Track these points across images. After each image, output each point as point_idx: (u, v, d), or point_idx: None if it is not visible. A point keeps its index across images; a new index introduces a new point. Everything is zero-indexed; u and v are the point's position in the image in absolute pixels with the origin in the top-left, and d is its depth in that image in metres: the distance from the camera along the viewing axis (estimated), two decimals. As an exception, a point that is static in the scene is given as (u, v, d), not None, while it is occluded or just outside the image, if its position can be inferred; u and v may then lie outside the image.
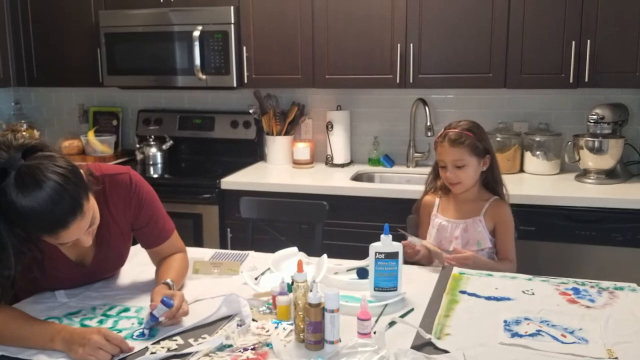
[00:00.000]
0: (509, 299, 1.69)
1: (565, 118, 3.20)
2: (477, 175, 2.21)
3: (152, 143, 3.62)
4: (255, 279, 1.84)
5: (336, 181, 3.12)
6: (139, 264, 1.94)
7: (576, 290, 1.74)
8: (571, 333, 1.47)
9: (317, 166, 3.48)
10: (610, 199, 2.66)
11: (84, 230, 1.50)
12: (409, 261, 2.09)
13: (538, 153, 3.12)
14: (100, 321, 1.59)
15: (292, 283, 1.49)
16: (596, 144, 2.90)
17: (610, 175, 2.94)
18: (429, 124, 3.23)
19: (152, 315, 1.49)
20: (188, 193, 3.16)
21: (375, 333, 1.40)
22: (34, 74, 3.64)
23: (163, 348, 1.43)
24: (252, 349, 1.41)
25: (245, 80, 3.30)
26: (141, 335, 1.48)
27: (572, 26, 2.81)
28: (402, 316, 1.58)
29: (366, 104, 3.49)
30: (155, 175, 3.44)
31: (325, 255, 1.84)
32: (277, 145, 3.50)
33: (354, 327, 1.43)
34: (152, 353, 1.40)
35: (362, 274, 1.84)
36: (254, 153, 3.64)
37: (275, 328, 1.51)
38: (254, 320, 1.55)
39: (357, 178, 3.27)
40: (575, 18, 2.80)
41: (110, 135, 3.73)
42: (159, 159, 3.63)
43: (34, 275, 1.66)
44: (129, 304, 1.69)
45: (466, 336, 1.46)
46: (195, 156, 3.76)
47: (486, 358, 1.36)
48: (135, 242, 1.88)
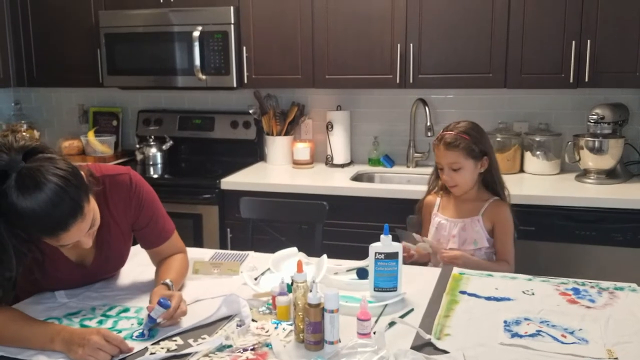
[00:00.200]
0: (509, 299, 1.69)
1: (565, 118, 3.20)
2: (474, 178, 2.22)
3: (152, 143, 3.63)
4: (255, 279, 1.84)
5: (336, 181, 3.12)
6: (139, 264, 1.94)
7: (576, 291, 1.74)
8: (571, 333, 1.46)
9: (317, 166, 3.48)
10: (610, 199, 2.66)
11: (85, 232, 1.50)
12: (407, 261, 2.10)
13: (538, 153, 3.12)
14: (100, 321, 1.59)
15: (292, 283, 1.49)
16: (596, 144, 2.90)
17: (611, 175, 2.94)
18: (429, 124, 3.23)
19: (150, 317, 1.49)
20: (188, 193, 3.16)
21: (375, 333, 1.40)
22: (34, 74, 3.64)
23: (163, 348, 1.42)
24: (252, 350, 1.41)
25: (245, 81, 3.30)
26: (141, 336, 1.48)
27: (572, 26, 2.81)
28: (402, 316, 1.58)
29: (366, 104, 3.49)
30: (155, 176, 3.44)
31: (325, 256, 1.84)
32: (277, 146, 3.50)
33: (353, 328, 1.43)
34: (152, 353, 1.40)
35: (362, 274, 1.84)
36: (254, 153, 3.64)
37: (275, 328, 1.51)
38: (253, 320, 1.55)
39: (357, 178, 3.27)
40: (576, 18, 2.80)
41: (110, 136, 3.73)
42: (159, 159, 3.63)
43: (35, 276, 1.66)
44: (129, 305, 1.69)
45: (466, 336, 1.46)
46: (195, 156, 3.76)
47: (486, 358, 1.36)
48: (135, 243, 1.88)
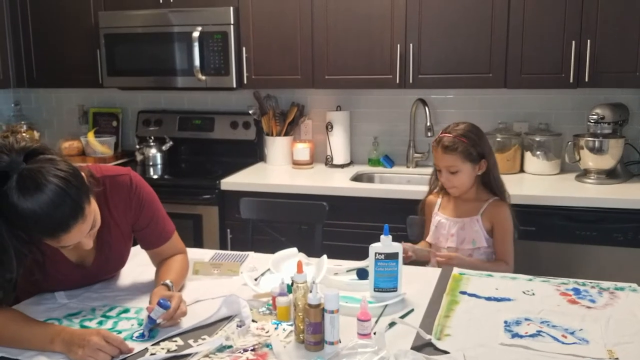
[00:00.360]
0: (509, 300, 1.68)
1: (565, 118, 3.20)
2: (472, 180, 2.23)
3: (152, 144, 3.62)
4: (255, 279, 1.83)
5: (336, 182, 3.12)
6: (139, 264, 1.94)
7: (577, 291, 1.74)
8: (572, 334, 1.46)
9: (317, 167, 3.48)
10: (610, 199, 2.66)
11: (85, 234, 1.50)
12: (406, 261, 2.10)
13: (538, 153, 3.12)
14: (100, 322, 1.58)
15: (292, 284, 1.49)
16: (596, 144, 2.90)
17: (611, 175, 2.94)
18: (428, 124, 3.23)
19: (150, 317, 1.49)
20: (188, 194, 3.16)
21: (375, 334, 1.40)
22: (33, 75, 3.64)
23: (163, 349, 1.42)
24: (252, 350, 1.40)
25: (245, 81, 3.30)
26: (141, 337, 1.48)
27: (572, 26, 2.81)
28: (402, 317, 1.58)
29: (366, 105, 3.49)
30: (155, 176, 3.43)
31: (325, 256, 1.84)
32: (277, 146, 3.49)
33: (353, 328, 1.42)
34: (152, 354, 1.40)
35: (362, 274, 1.84)
36: (253, 154, 3.64)
37: (275, 329, 1.51)
38: (253, 321, 1.55)
39: (357, 178, 3.27)
40: (576, 18, 2.79)
41: (110, 136, 3.72)
42: (159, 160, 3.63)
43: (35, 277, 1.66)
44: (129, 305, 1.69)
45: (466, 337, 1.46)
46: (195, 157, 3.76)
47: (486, 359, 1.36)
48: (135, 243, 1.88)
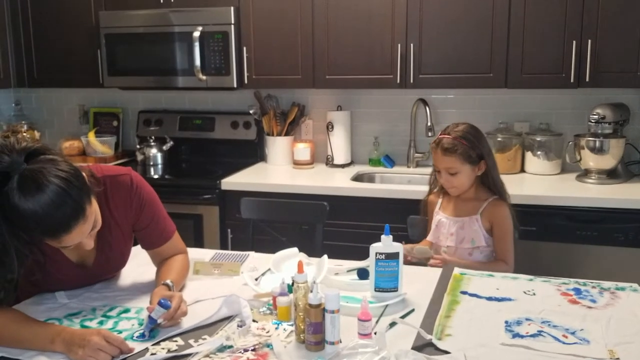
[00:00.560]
0: (510, 300, 1.68)
1: (566, 118, 3.20)
2: (472, 180, 2.25)
3: (153, 144, 3.62)
4: (256, 279, 1.83)
5: (337, 182, 3.12)
6: (140, 264, 1.94)
7: (577, 291, 1.74)
8: (572, 334, 1.46)
9: (318, 167, 3.48)
10: (611, 199, 2.66)
11: (86, 234, 1.50)
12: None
13: (539, 153, 3.12)
14: (101, 322, 1.58)
15: (293, 284, 1.49)
16: (597, 144, 2.90)
17: (612, 175, 2.94)
18: (429, 124, 3.23)
19: (151, 317, 1.48)
20: (188, 194, 3.16)
21: (375, 334, 1.40)
22: (34, 74, 3.64)
23: (163, 349, 1.42)
24: (253, 350, 1.40)
25: (246, 81, 3.30)
26: (141, 336, 1.48)
27: (573, 26, 2.80)
28: (403, 317, 1.58)
29: (366, 104, 3.49)
30: (156, 176, 3.43)
31: (325, 256, 1.84)
32: (278, 146, 3.49)
33: (354, 328, 1.42)
34: (153, 354, 1.40)
35: (363, 274, 1.84)
36: (254, 154, 3.64)
37: (276, 329, 1.51)
38: (254, 321, 1.55)
39: (358, 178, 3.27)
40: (576, 18, 2.79)
41: (111, 136, 3.72)
42: (160, 160, 3.63)
43: (36, 277, 1.66)
44: (130, 305, 1.69)
45: (467, 337, 1.45)
46: (196, 157, 3.76)
47: (487, 359, 1.35)
48: (136, 243, 1.88)
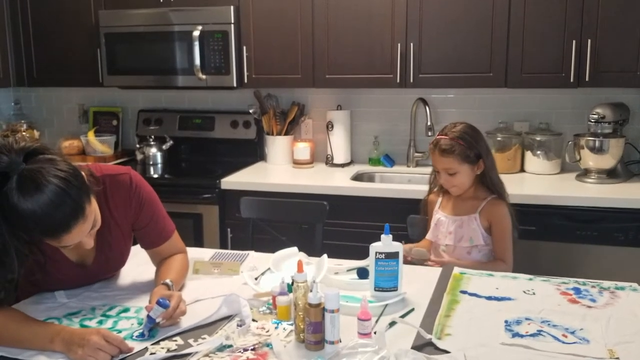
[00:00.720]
0: (509, 299, 1.68)
1: (565, 117, 3.20)
2: (471, 179, 2.25)
3: (152, 143, 3.62)
4: (256, 279, 1.83)
5: (336, 181, 3.12)
6: (139, 264, 1.94)
7: (577, 290, 1.74)
8: (572, 333, 1.46)
9: (318, 166, 3.47)
10: (611, 199, 2.66)
11: (86, 233, 1.50)
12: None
13: (539, 153, 3.12)
14: (100, 321, 1.58)
15: (292, 283, 1.49)
16: (597, 144, 2.90)
17: (611, 174, 2.94)
18: (429, 123, 3.22)
19: (149, 317, 1.48)
20: (188, 193, 3.16)
21: (375, 333, 1.40)
22: (33, 74, 3.64)
23: (163, 348, 1.42)
24: (252, 349, 1.40)
25: (245, 80, 3.29)
26: (141, 336, 1.48)
27: (573, 25, 2.80)
28: (403, 316, 1.58)
29: (366, 104, 3.49)
30: (156, 176, 3.43)
31: (325, 255, 1.84)
32: (277, 145, 3.49)
33: (354, 328, 1.42)
34: (152, 353, 1.40)
35: (363, 274, 1.84)
36: (254, 153, 3.64)
37: (276, 328, 1.51)
38: (254, 320, 1.55)
39: (358, 178, 3.27)
40: (576, 17, 2.79)
41: (111, 136, 3.72)
42: (159, 159, 3.62)
43: (35, 277, 1.66)
44: (129, 305, 1.69)
45: (467, 336, 1.45)
46: (196, 156, 3.76)
47: (487, 358, 1.35)
48: (135, 243, 1.88)
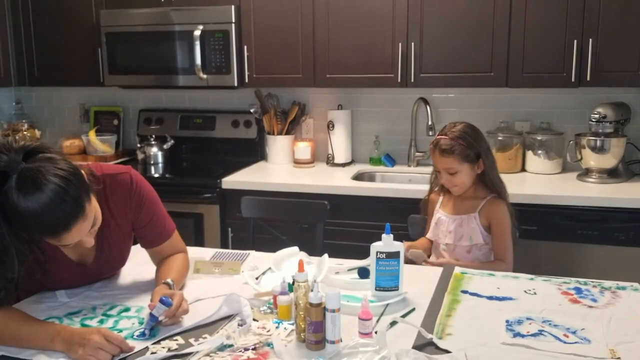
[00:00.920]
0: (510, 299, 1.68)
1: (567, 117, 3.19)
2: (472, 179, 2.25)
3: (153, 142, 3.62)
4: (256, 278, 1.83)
5: (337, 181, 3.12)
6: (140, 263, 1.93)
7: (578, 290, 1.74)
8: (573, 333, 1.46)
9: (318, 165, 3.47)
10: (612, 198, 2.65)
11: (86, 232, 1.50)
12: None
13: (540, 152, 3.11)
14: (101, 321, 1.58)
15: (293, 283, 1.49)
16: (598, 143, 2.89)
17: (612, 174, 2.93)
18: (430, 123, 3.22)
19: (152, 315, 1.48)
20: (189, 192, 3.16)
21: (376, 333, 1.40)
22: (35, 73, 3.64)
23: (164, 348, 1.42)
24: (253, 349, 1.40)
25: (246, 80, 3.29)
26: (142, 335, 1.48)
27: (574, 25, 2.80)
28: (404, 316, 1.58)
29: (367, 103, 3.48)
30: (156, 175, 3.43)
31: (326, 255, 1.84)
32: (278, 145, 3.49)
33: (355, 327, 1.42)
34: (153, 353, 1.40)
35: (363, 273, 1.84)
36: (254, 152, 3.63)
37: (276, 328, 1.51)
38: (254, 320, 1.55)
39: (358, 177, 3.26)
40: (577, 17, 2.79)
41: (111, 135, 3.72)
42: (160, 159, 3.62)
43: (36, 276, 1.66)
44: (130, 304, 1.69)
45: (468, 336, 1.45)
46: (196, 156, 3.76)
47: (488, 358, 1.35)
48: (135, 242, 1.88)
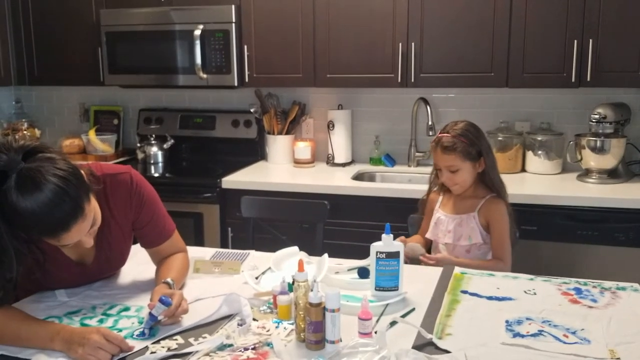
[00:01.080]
0: (510, 299, 1.68)
1: (567, 117, 3.19)
2: (473, 177, 2.25)
3: (153, 142, 3.62)
4: (256, 278, 1.83)
5: (337, 180, 3.12)
6: (139, 263, 1.93)
7: (578, 290, 1.74)
8: (573, 333, 1.46)
9: (318, 165, 3.47)
10: (612, 199, 2.65)
11: (86, 232, 1.50)
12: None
13: (540, 152, 3.11)
14: (101, 320, 1.58)
15: (293, 282, 1.49)
16: (598, 144, 2.89)
17: (612, 174, 2.93)
18: (430, 123, 3.22)
19: (151, 314, 1.48)
20: (189, 192, 3.16)
21: (376, 333, 1.40)
22: (34, 72, 3.64)
23: (163, 347, 1.42)
24: (253, 349, 1.40)
25: (246, 79, 3.29)
26: (141, 335, 1.48)
27: (574, 25, 2.80)
28: (403, 316, 1.58)
29: (367, 103, 3.48)
30: (156, 175, 3.43)
31: (326, 255, 1.84)
32: (278, 145, 3.49)
33: (354, 327, 1.42)
34: (152, 352, 1.40)
35: (363, 273, 1.84)
36: (255, 152, 3.63)
37: (276, 327, 1.51)
38: (254, 319, 1.55)
39: (359, 177, 3.26)
40: (578, 17, 2.79)
41: (111, 134, 3.72)
42: (160, 158, 3.62)
43: (35, 275, 1.66)
44: (129, 303, 1.69)
45: (468, 336, 1.45)
46: (196, 155, 3.76)
47: (488, 358, 1.35)
48: (135, 242, 1.88)
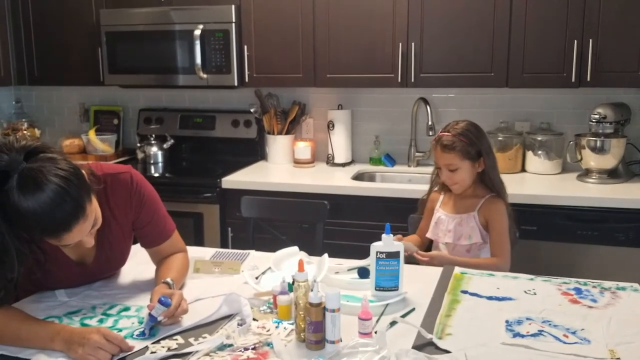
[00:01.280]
0: (510, 299, 1.68)
1: (567, 117, 3.19)
2: (473, 177, 2.25)
3: (153, 142, 3.62)
4: (256, 278, 1.83)
5: (337, 180, 3.12)
6: (139, 263, 1.93)
7: (578, 290, 1.74)
8: (573, 333, 1.46)
9: (318, 165, 3.47)
10: (612, 199, 2.65)
11: (87, 232, 1.50)
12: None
13: (540, 152, 3.11)
14: (101, 320, 1.58)
15: (293, 282, 1.49)
16: (598, 144, 2.89)
17: (612, 174, 2.93)
18: (430, 123, 3.22)
19: (151, 315, 1.48)
20: (189, 192, 3.16)
21: (376, 333, 1.40)
22: (34, 72, 3.64)
23: (163, 347, 1.42)
24: (253, 349, 1.40)
25: (246, 79, 3.29)
26: (141, 335, 1.48)
27: (574, 25, 2.80)
28: (403, 316, 1.58)
29: (367, 103, 3.48)
30: (156, 175, 3.43)
31: (326, 255, 1.84)
32: (278, 145, 3.49)
33: (355, 327, 1.42)
34: (153, 352, 1.40)
35: (363, 273, 1.84)
36: (254, 152, 3.63)
37: (276, 327, 1.51)
38: (254, 319, 1.55)
39: (358, 177, 3.26)
40: (578, 17, 2.79)
41: (111, 134, 3.72)
42: (160, 158, 3.63)
43: (35, 275, 1.66)
44: (130, 303, 1.69)
45: (468, 336, 1.45)
46: (196, 155, 3.76)
47: (488, 358, 1.35)
48: (135, 242, 1.88)
